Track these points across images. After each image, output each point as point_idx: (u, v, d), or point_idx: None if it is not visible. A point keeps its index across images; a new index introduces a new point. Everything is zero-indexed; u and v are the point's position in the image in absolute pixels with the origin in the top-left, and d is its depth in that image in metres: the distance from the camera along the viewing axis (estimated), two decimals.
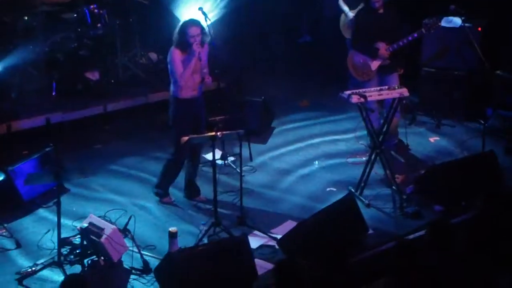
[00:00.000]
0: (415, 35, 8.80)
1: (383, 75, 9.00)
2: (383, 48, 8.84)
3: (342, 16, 10.70)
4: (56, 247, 6.77)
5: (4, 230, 7.35)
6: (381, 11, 8.93)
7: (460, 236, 5.59)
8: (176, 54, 7.68)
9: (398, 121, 9.46)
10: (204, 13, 8.52)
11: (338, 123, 10.58)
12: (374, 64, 8.94)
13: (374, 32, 8.89)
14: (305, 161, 9.35)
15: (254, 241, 7.24)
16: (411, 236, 6.78)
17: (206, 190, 8.18)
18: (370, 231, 7.36)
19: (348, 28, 10.52)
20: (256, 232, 7.49)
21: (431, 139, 9.93)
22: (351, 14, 10.40)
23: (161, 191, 8.14)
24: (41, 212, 7.96)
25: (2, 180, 7.31)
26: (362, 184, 8.25)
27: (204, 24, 8.11)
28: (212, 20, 9.27)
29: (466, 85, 10.44)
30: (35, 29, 10.03)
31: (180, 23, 7.73)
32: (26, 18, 9.97)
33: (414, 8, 10.17)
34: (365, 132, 8.59)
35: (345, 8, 10.55)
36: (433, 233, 5.45)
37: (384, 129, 8.32)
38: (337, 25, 11.17)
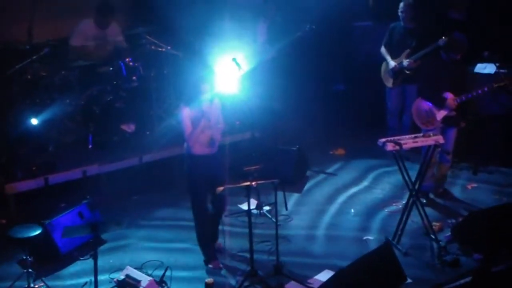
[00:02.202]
0: (485, 89, 8.67)
1: (445, 127, 8.94)
2: (451, 98, 8.77)
3: (384, 64, 10.75)
4: None
5: (43, 284, 7.38)
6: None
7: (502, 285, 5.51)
8: (185, 112, 7.63)
9: (447, 169, 9.39)
10: (237, 64, 8.59)
11: (373, 171, 10.54)
12: (440, 114, 8.87)
13: (443, 82, 8.83)
14: (341, 209, 9.31)
15: None
16: (451, 285, 6.68)
17: (242, 240, 8.16)
18: (408, 280, 7.25)
19: (390, 77, 10.56)
20: (292, 282, 7.44)
21: (469, 186, 9.84)
22: (392, 63, 10.47)
23: (206, 258, 7.96)
24: (79, 264, 7.98)
25: (39, 234, 7.36)
26: (399, 232, 8.18)
27: (238, 74, 8.17)
28: (246, 70, 9.34)
29: (503, 130, 10.36)
30: (72, 82, 10.16)
31: (189, 81, 7.72)
32: (63, 72, 10.10)
33: None
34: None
35: (388, 57, 10.62)
36: (475, 283, 5.37)
37: (420, 176, 8.27)
38: (370, 73, 11.24)
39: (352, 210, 9.22)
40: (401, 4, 10.44)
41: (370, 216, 9.07)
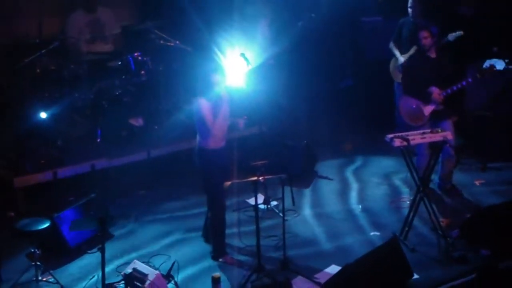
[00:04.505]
0: (470, 80, 8.64)
1: (436, 121, 8.87)
2: (436, 93, 8.74)
3: (393, 60, 10.76)
4: None
5: (50, 276, 7.40)
6: (433, 55, 8.88)
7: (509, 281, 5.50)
8: (203, 103, 7.54)
9: (453, 165, 9.35)
10: (245, 59, 8.58)
11: (381, 166, 10.54)
12: (428, 109, 8.85)
13: (427, 77, 8.81)
14: (349, 204, 9.31)
15: (298, 286, 7.20)
16: (458, 281, 6.67)
17: (248, 235, 8.17)
18: (415, 276, 7.26)
19: (399, 72, 10.56)
20: (299, 276, 7.44)
21: (477, 182, 9.81)
22: (402, 58, 10.46)
23: (217, 252, 7.94)
24: (86, 258, 8.01)
25: (48, 227, 7.39)
26: (406, 228, 8.16)
27: (246, 69, 8.17)
28: (254, 65, 9.34)
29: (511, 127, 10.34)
30: (81, 76, 10.18)
31: (202, 71, 7.69)
32: (72, 66, 10.13)
33: (456, 51, 10.14)
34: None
35: (396, 52, 10.63)
36: (482, 279, 5.36)
37: (428, 172, 8.26)
38: (379, 69, 11.22)
39: (360, 206, 9.21)
40: None
41: (378, 211, 9.06)
